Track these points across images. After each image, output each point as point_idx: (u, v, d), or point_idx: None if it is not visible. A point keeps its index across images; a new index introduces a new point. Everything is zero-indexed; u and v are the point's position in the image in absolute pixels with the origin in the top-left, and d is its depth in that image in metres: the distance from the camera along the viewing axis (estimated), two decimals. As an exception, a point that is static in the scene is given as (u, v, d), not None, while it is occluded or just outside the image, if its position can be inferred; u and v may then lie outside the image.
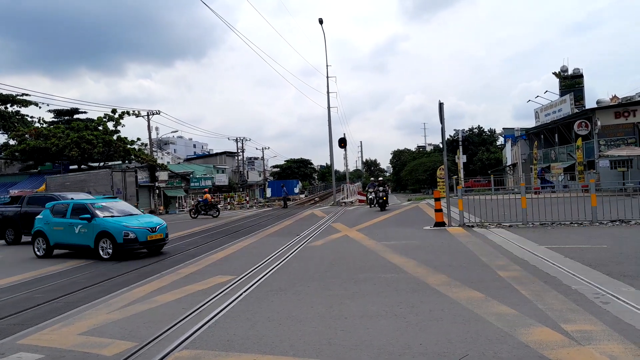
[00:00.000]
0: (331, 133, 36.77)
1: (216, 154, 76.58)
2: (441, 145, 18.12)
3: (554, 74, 46.77)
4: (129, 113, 37.56)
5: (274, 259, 10.10)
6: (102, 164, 36.98)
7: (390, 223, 17.05)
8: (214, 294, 7.03)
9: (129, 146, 35.91)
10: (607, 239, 10.42)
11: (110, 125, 35.76)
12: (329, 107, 37.08)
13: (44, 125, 38.06)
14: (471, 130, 73.79)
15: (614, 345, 4.12)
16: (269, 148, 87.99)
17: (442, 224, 14.58)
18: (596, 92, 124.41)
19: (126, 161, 37.61)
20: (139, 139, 38.86)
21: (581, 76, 44.98)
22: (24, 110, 40.71)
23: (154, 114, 42.03)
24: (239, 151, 65.24)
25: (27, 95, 37.86)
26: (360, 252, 10.52)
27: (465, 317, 5.18)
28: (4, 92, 37.02)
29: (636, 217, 12.81)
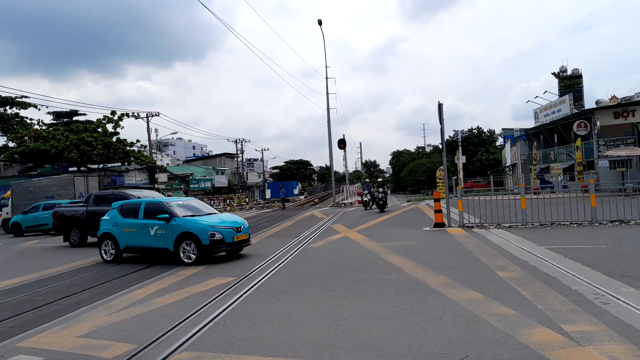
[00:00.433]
0: (330, 134, 36.78)
1: (215, 155, 76.63)
2: (440, 146, 18.16)
3: (553, 74, 46.84)
4: (128, 115, 37.53)
5: (274, 260, 10.10)
6: (101, 165, 36.97)
7: (389, 224, 17.05)
8: (214, 295, 7.03)
9: (128, 148, 35.88)
10: (606, 239, 10.42)
11: (110, 127, 35.73)
12: (328, 108, 37.09)
13: (43, 127, 38.01)
14: (470, 130, 73.81)
15: (614, 345, 4.12)
16: (268, 149, 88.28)
17: (441, 224, 14.58)
18: (595, 92, 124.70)
19: (125, 163, 37.60)
20: (138, 140, 38.82)
21: (580, 76, 45.04)
22: (23, 112, 40.72)
23: (153, 116, 42.05)
24: (238, 152, 65.24)
25: (26, 97, 37.89)
26: (360, 253, 10.52)
27: (465, 318, 5.17)
28: (3, 94, 37.08)
29: (635, 217, 12.82)
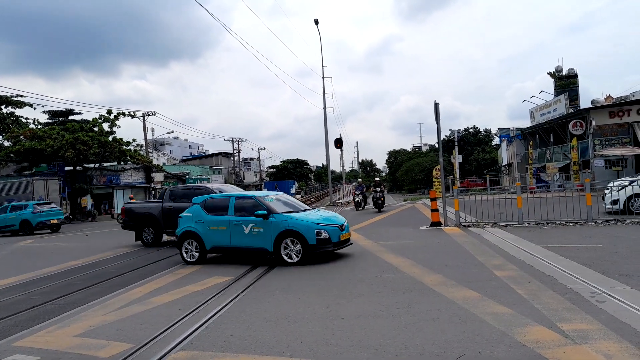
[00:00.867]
0: (327, 133, 36.79)
1: (212, 154, 76.59)
2: (437, 146, 18.17)
3: (549, 74, 46.94)
4: (124, 114, 37.48)
5: (270, 260, 10.09)
6: (97, 165, 36.85)
7: (386, 223, 17.07)
8: (211, 294, 7.03)
9: (124, 147, 35.78)
10: (602, 238, 10.46)
11: (106, 126, 35.66)
12: (324, 107, 37.12)
13: (39, 127, 37.86)
14: (467, 130, 74.04)
15: (610, 344, 4.14)
16: (264, 149, 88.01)
17: (438, 223, 14.60)
18: (591, 92, 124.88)
19: (122, 162, 37.50)
20: (134, 139, 38.77)
21: (576, 76, 45.16)
22: (18, 112, 40.75)
23: (149, 115, 42.00)
24: (234, 152, 65.22)
25: (21, 96, 37.75)
26: (356, 252, 10.52)
27: (461, 317, 5.19)
28: (-2, 93, 36.87)
29: (631, 216, 12.87)
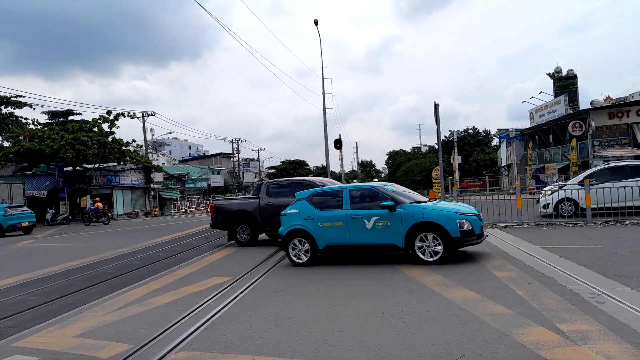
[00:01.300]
0: (327, 134, 36.75)
1: (211, 155, 76.56)
2: (436, 146, 18.17)
3: (548, 74, 46.96)
4: (123, 114, 37.48)
5: (269, 260, 10.09)
6: (97, 165, 36.86)
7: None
8: (210, 295, 7.02)
9: (124, 148, 35.79)
10: (601, 239, 10.47)
11: (105, 126, 35.65)
12: (324, 108, 37.06)
13: (38, 127, 37.84)
14: (466, 131, 74.08)
15: (609, 344, 4.14)
16: (264, 149, 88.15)
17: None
18: (590, 93, 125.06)
19: (121, 162, 37.51)
20: (134, 140, 38.78)
21: (575, 77, 45.19)
22: (18, 112, 40.49)
23: (149, 115, 42.03)
24: (234, 152, 65.22)
25: (21, 96, 37.69)
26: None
27: (461, 318, 5.19)
28: (-3, 94, 36.85)
29: (630, 217, 12.88)
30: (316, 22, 34.98)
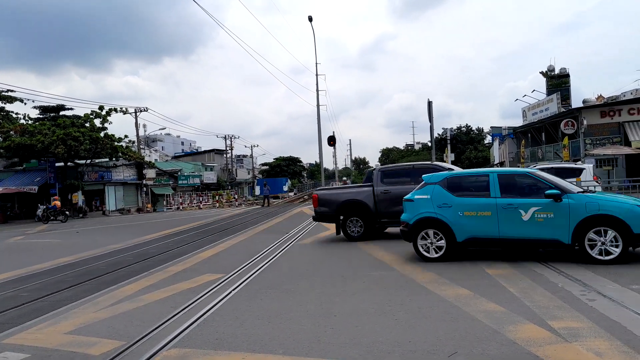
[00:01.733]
0: (320, 131, 36.75)
1: (205, 151, 76.28)
2: (430, 144, 18.23)
3: (541, 73, 47.19)
4: (116, 110, 37.21)
5: (263, 257, 10.08)
6: (88, 161, 36.60)
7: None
8: (202, 292, 7.00)
9: (116, 143, 35.57)
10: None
11: (97, 122, 35.38)
12: (318, 105, 37.06)
13: (30, 122, 37.49)
14: (459, 128, 74.34)
15: (600, 341, 4.17)
16: (257, 146, 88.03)
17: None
18: (582, 91, 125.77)
19: (113, 158, 37.28)
20: (126, 136, 38.46)
21: (567, 76, 45.43)
22: (8, 107, 40.04)
23: (141, 111, 41.74)
24: (227, 149, 65.01)
25: (12, 91, 37.32)
26: (349, 249, 10.54)
27: (453, 315, 5.21)
28: (-12, 88, 36.45)
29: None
30: (310, 19, 34.92)
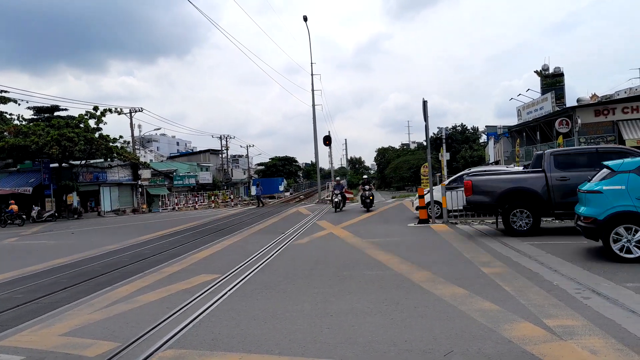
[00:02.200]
0: (316, 131, 36.78)
1: (200, 151, 76.00)
2: (425, 143, 18.26)
3: (536, 72, 47.34)
4: (111, 110, 37.05)
5: (258, 257, 10.06)
6: (83, 162, 36.43)
7: (374, 220, 17.11)
8: (198, 292, 6.98)
9: (111, 144, 35.41)
10: (587, 235, 10.57)
11: (92, 122, 35.19)
12: (313, 104, 37.07)
13: (24, 123, 37.26)
14: (454, 128, 74.45)
15: (595, 339, 4.19)
16: (253, 146, 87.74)
17: (426, 221, 14.68)
18: (576, 90, 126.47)
19: (108, 159, 37.11)
20: (121, 136, 38.31)
21: (562, 75, 45.59)
22: (2, 107, 39.81)
23: (136, 111, 41.60)
24: (223, 149, 64.86)
25: (5, 92, 37.09)
26: (345, 249, 10.54)
27: (449, 314, 5.21)
28: (-19, 89, 36.20)
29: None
30: (305, 18, 34.92)
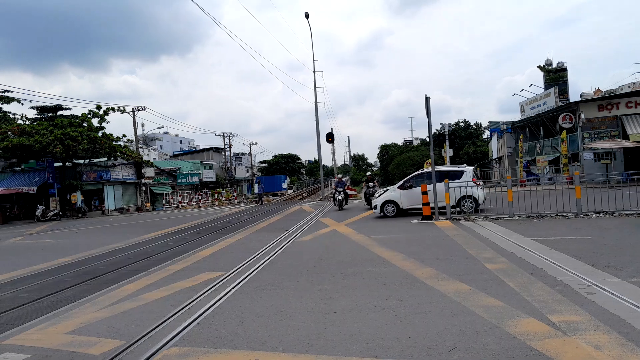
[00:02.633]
0: (318, 128, 36.75)
1: (203, 149, 76.14)
2: (428, 139, 18.20)
3: (539, 67, 47.22)
4: (113, 109, 37.12)
5: (262, 254, 10.08)
6: (87, 160, 36.53)
7: (377, 217, 17.10)
8: (202, 290, 7.00)
9: (114, 143, 35.49)
10: (591, 230, 10.57)
11: (95, 121, 35.29)
12: (315, 102, 37.04)
13: (27, 122, 37.39)
14: (457, 124, 74.25)
15: (599, 335, 4.19)
16: (256, 143, 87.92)
17: (429, 217, 14.66)
18: (580, 85, 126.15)
19: (112, 158, 37.21)
20: (124, 135, 38.39)
21: (565, 70, 45.44)
22: (6, 107, 40.06)
23: (139, 110, 41.62)
24: (226, 147, 64.92)
25: (9, 91, 37.28)
26: (348, 246, 10.54)
27: (453, 310, 5.22)
28: (-16, 89, 36.37)
29: (620, 208, 13.00)
30: (307, 15, 34.84)
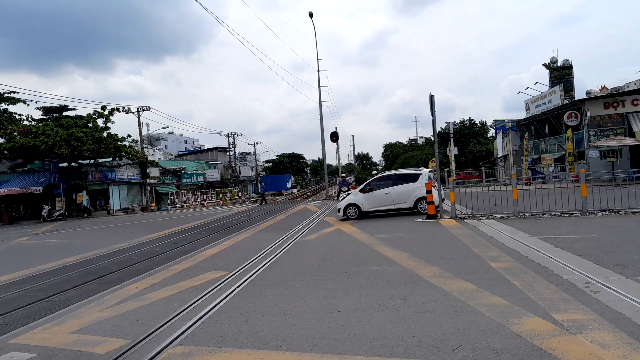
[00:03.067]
0: (323, 127, 36.74)
1: (207, 149, 76.25)
2: (432, 138, 18.19)
3: (544, 65, 46.99)
4: (118, 109, 37.26)
5: (267, 253, 10.10)
6: (92, 161, 36.70)
7: (381, 216, 17.08)
8: (207, 289, 7.02)
9: (119, 143, 35.64)
10: (597, 228, 10.51)
11: (100, 122, 35.45)
12: (320, 101, 37.04)
13: (33, 123, 37.62)
14: (462, 122, 73.95)
15: (604, 333, 4.16)
16: (260, 143, 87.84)
17: (434, 216, 14.63)
18: (585, 83, 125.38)
19: (117, 158, 37.37)
20: (129, 135, 38.51)
21: (571, 67, 45.19)
22: (12, 108, 40.32)
23: (144, 110, 41.76)
24: (230, 146, 65.00)
25: (15, 92, 37.53)
26: (352, 245, 10.54)
27: (457, 309, 5.20)
28: (-9, 90, 36.59)
29: (625, 206, 12.93)
30: (311, 15, 34.84)
